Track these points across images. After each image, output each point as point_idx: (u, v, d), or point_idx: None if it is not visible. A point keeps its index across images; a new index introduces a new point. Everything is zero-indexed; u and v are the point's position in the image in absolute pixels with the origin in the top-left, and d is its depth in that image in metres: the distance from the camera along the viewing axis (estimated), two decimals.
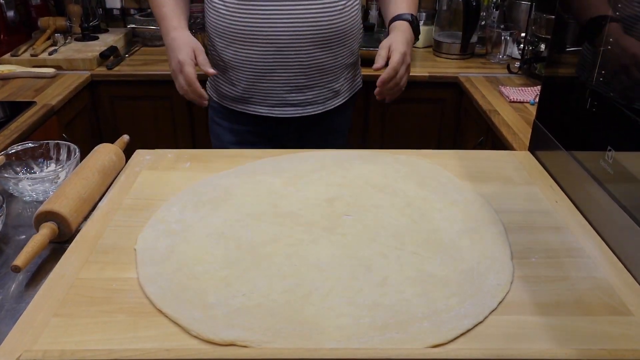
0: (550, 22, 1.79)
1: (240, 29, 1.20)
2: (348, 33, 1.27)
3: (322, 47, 1.23)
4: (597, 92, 0.83)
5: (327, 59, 1.25)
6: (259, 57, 1.22)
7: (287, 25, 1.18)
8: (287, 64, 1.22)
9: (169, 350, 0.57)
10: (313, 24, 1.19)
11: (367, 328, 0.61)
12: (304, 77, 1.25)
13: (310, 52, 1.22)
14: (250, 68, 1.24)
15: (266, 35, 1.19)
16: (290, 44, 1.20)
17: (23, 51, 2.09)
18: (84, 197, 0.83)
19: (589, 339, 0.60)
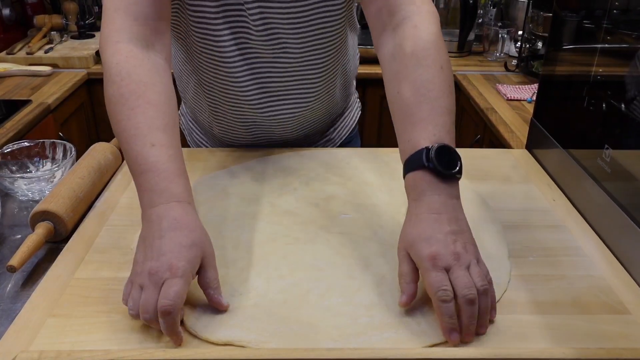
0: (547, 19, 1.79)
1: (219, 110, 0.99)
2: (336, 103, 1.05)
3: (310, 124, 1.03)
4: (595, 90, 0.83)
5: (318, 126, 1.06)
6: (242, 133, 1.02)
7: (269, 116, 0.97)
8: (273, 140, 1.04)
9: (165, 351, 0.57)
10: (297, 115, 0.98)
11: (364, 327, 0.60)
12: (293, 139, 1.05)
13: (297, 132, 1.03)
14: (233, 139, 1.05)
15: (248, 121, 0.99)
16: (274, 130, 1.01)
17: (19, 49, 2.08)
18: (80, 196, 0.82)
19: (587, 337, 0.60)
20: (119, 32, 0.74)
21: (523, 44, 1.94)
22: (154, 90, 0.71)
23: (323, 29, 0.89)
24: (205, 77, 0.95)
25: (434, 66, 0.72)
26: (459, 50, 2.19)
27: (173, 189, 0.65)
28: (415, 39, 0.74)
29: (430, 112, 0.69)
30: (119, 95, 0.70)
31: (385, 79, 0.78)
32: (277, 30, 0.87)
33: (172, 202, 0.64)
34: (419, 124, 0.69)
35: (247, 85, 0.93)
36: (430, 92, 0.70)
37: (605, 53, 0.82)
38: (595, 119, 0.83)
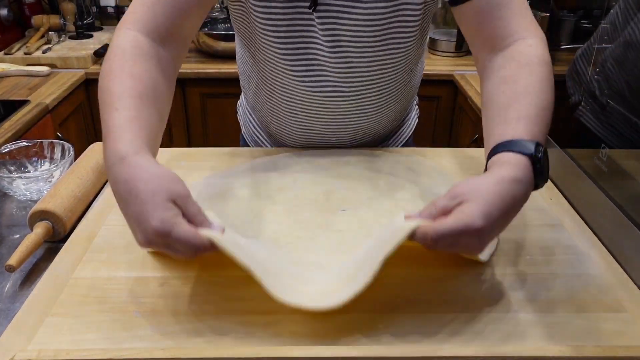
0: (545, 19, 1.79)
1: (278, 113, 0.99)
2: (397, 115, 1.04)
3: (368, 132, 1.02)
4: (591, 90, 0.84)
5: (376, 134, 1.05)
6: (298, 137, 1.02)
7: (327, 125, 0.97)
8: (329, 144, 1.02)
9: (164, 350, 0.57)
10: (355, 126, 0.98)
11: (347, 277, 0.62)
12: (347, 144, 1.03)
13: (354, 139, 1.02)
14: (288, 139, 1.04)
15: (304, 127, 0.99)
16: (330, 137, 1.00)
17: (17, 49, 2.08)
18: (78, 196, 0.82)
19: (583, 335, 0.60)
20: (135, 22, 0.76)
21: None
22: (142, 68, 0.71)
23: (393, 54, 0.88)
24: (267, 79, 0.94)
25: (546, 82, 0.72)
26: (457, 50, 2.20)
27: (119, 147, 0.61)
28: (531, 55, 0.74)
29: (537, 116, 0.68)
30: (109, 69, 0.70)
31: (489, 84, 0.77)
32: (346, 48, 0.86)
33: (118, 163, 0.60)
34: (521, 119, 0.68)
35: (309, 95, 0.92)
36: (540, 100, 0.70)
37: (603, 52, 0.82)
38: (592, 118, 0.84)
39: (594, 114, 0.82)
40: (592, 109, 0.82)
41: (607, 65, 0.80)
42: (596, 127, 0.80)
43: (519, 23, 0.78)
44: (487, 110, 0.75)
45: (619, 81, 0.78)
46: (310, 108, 0.95)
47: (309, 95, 0.92)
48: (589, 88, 0.84)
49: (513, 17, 0.78)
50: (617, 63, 0.78)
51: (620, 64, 0.78)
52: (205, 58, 2.13)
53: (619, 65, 0.78)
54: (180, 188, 0.60)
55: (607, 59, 0.80)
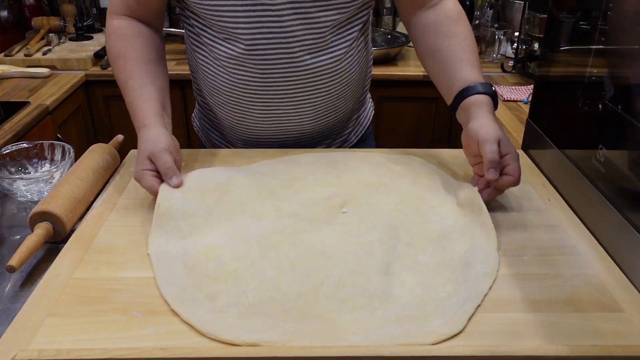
0: (543, 21, 1.79)
1: (231, 97, 1.01)
2: (355, 88, 1.07)
3: (326, 110, 1.04)
4: (589, 91, 0.84)
5: (332, 118, 1.07)
6: (255, 123, 1.04)
7: (283, 96, 0.99)
8: (286, 131, 1.05)
9: (164, 349, 0.58)
10: (312, 94, 1.00)
11: (382, 321, 0.62)
12: (305, 138, 1.08)
13: (311, 118, 1.04)
14: (246, 131, 1.06)
15: (261, 104, 1.00)
16: (287, 113, 1.02)
17: (17, 51, 2.09)
18: (78, 197, 0.83)
19: (581, 335, 0.60)
20: (113, 10, 1.00)
21: (519, 45, 1.94)
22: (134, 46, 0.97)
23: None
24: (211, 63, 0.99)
25: (469, 27, 0.98)
26: None
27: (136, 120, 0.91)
28: (457, 12, 0.98)
29: (478, 59, 0.94)
30: (110, 54, 0.99)
31: (431, 37, 0.97)
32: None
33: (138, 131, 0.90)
34: (474, 66, 0.92)
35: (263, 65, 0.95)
36: (472, 45, 0.94)
37: (600, 54, 0.83)
38: (590, 120, 0.84)
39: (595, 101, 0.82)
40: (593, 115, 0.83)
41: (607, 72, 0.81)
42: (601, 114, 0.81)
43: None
44: (436, 60, 0.96)
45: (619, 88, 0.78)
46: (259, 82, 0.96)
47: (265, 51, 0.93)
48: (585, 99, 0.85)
49: None
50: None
51: None
52: None
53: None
54: (156, 149, 0.84)
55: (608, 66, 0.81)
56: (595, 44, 0.83)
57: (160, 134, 0.87)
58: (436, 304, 0.65)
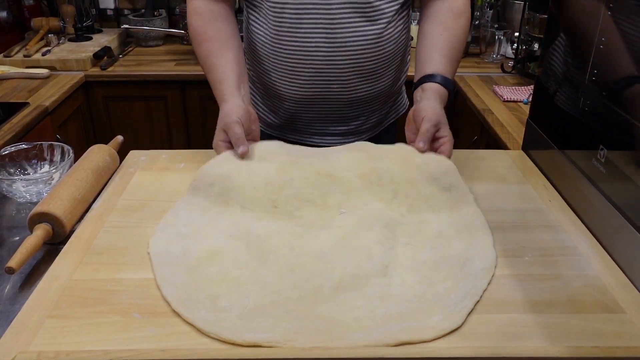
0: (543, 21, 1.79)
1: (277, 60, 1.08)
2: (396, 59, 1.14)
3: (368, 77, 1.10)
4: (590, 91, 0.84)
5: (374, 88, 1.13)
6: (298, 88, 1.10)
7: (326, 57, 1.05)
8: (329, 96, 1.10)
9: (164, 351, 0.57)
10: (358, 55, 1.06)
11: (383, 318, 0.62)
12: (348, 107, 1.14)
13: (352, 84, 1.09)
14: (290, 98, 1.13)
15: (304, 67, 1.06)
16: (330, 76, 1.07)
17: (16, 52, 2.09)
18: (77, 198, 0.83)
19: (581, 336, 0.60)
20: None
21: (519, 46, 1.94)
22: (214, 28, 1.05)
23: None
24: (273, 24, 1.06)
25: (465, 27, 1.06)
26: None
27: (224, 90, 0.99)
28: (459, 9, 1.06)
29: (456, 56, 1.04)
30: (192, 34, 1.07)
31: (428, 23, 1.06)
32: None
33: (221, 101, 0.99)
34: (448, 60, 1.02)
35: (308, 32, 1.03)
36: (458, 43, 1.04)
37: (601, 54, 0.82)
38: (590, 120, 0.84)
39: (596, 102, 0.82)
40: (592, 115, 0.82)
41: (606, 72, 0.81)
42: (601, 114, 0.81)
43: None
44: (424, 45, 1.06)
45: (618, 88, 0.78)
46: (312, 45, 1.04)
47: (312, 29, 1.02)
48: (586, 99, 0.84)
49: None
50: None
51: None
52: None
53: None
54: (228, 120, 0.92)
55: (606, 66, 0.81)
56: (595, 43, 0.83)
57: (234, 106, 0.95)
58: (435, 300, 0.65)
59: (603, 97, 0.80)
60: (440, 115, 0.93)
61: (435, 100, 0.96)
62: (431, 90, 0.97)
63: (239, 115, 0.93)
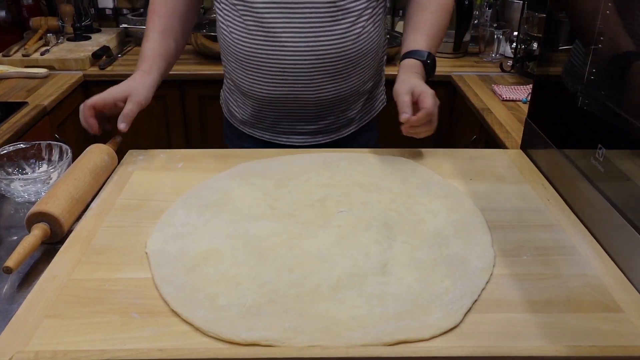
0: (542, 20, 1.79)
1: (246, 55, 1.08)
2: (364, 59, 1.12)
3: (334, 77, 1.09)
4: (588, 91, 0.84)
5: (341, 89, 1.12)
6: (266, 85, 1.09)
7: (294, 55, 1.04)
8: (296, 95, 1.10)
9: (162, 350, 0.57)
10: (323, 54, 1.05)
11: (380, 317, 0.62)
12: (314, 107, 1.13)
13: (321, 83, 1.09)
14: (258, 95, 1.12)
15: (272, 63, 1.06)
16: (298, 74, 1.07)
17: (15, 51, 2.08)
18: (76, 197, 0.82)
19: (580, 336, 0.60)
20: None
21: (518, 45, 1.94)
22: (165, 7, 1.13)
23: None
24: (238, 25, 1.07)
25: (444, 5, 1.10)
26: (455, 51, 2.20)
27: (139, 65, 1.08)
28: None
29: (433, 31, 1.08)
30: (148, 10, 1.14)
31: (410, 9, 1.12)
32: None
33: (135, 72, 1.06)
34: (425, 36, 1.07)
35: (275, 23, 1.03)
36: (435, 20, 1.08)
37: (599, 53, 0.82)
38: (589, 119, 0.84)
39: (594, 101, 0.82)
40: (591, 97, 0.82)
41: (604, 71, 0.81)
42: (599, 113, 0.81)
43: None
44: (406, 28, 1.11)
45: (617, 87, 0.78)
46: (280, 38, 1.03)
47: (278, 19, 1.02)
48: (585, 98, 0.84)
49: None
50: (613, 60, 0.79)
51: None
52: (203, 59, 2.13)
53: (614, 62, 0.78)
54: (138, 97, 1.02)
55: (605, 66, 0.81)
56: (594, 43, 0.83)
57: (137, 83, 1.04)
58: (434, 299, 0.65)
59: (602, 96, 0.80)
60: (412, 84, 0.96)
61: (406, 73, 1.00)
62: (405, 67, 1.03)
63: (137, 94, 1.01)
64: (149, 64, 1.07)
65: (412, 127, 0.94)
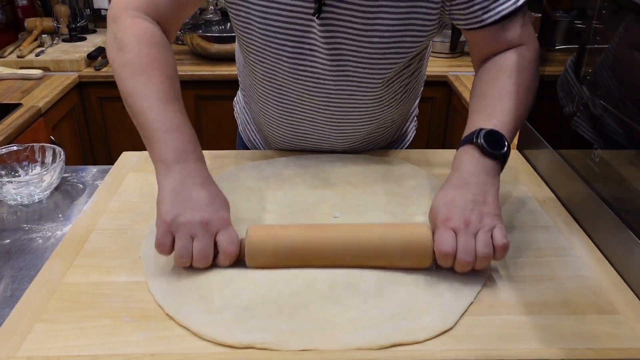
0: (538, 20, 1.79)
1: (277, 124, 0.99)
2: (392, 123, 1.02)
3: (361, 143, 1.01)
4: (584, 91, 0.84)
5: (369, 144, 1.04)
6: (292, 137, 1.00)
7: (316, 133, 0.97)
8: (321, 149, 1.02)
9: (153, 355, 0.57)
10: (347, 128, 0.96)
11: (376, 319, 0.62)
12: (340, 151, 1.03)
13: (347, 146, 1.01)
14: (280, 139, 1.02)
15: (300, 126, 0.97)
16: (321, 144, 1.00)
17: (9, 52, 2.08)
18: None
19: (576, 338, 0.60)
20: (138, 7, 0.81)
21: None
22: (165, 59, 0.79)
23: (391, 64, 0.86)
24: (260, 80, 0.93)
25: (522, 83, 0.81)
26: (451, 51, 2.20)
27: (197, 150, 0.75)
28: (517, 62, 0.83)
29: (500, 111, 0.78)
30: (139, 62, 0.76)
31: (474, 84, 0.87)
32: (344, 56, 0.84)
33: (199, 162, 0.74)
34: (486, 116, 0.78)
35: (302, 99, 0.92)
36: (504, 97, 0.79)
37: (595, 53, 0.82)
38: (585, 120, 0.83)
39: (589, 123, 0.82)
40: (587, 117, 0.82)
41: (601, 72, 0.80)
42: (593, 136, 0.80)
43: (515, 33, 0.85)
44: (471, 105, 0.84)
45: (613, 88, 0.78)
46: (303, 112, 0.94)
47: (303, 99, 0.92)
48: (581, 99, 0.84)
49: (512, 29, 0.85)
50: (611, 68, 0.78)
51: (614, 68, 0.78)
52: (199, 60, 2.12)
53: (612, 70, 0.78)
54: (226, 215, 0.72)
55: (601, 66, 0.80)
56: (590, 43, 0.83)
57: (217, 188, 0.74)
58: (429, 301, 0.65)
59: (597, 96, 0.80)
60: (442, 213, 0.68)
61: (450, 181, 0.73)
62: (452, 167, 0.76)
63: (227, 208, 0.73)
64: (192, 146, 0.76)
65: None
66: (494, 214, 0.68)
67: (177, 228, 0.67)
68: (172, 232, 0.67)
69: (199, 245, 0.67)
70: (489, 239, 0.66)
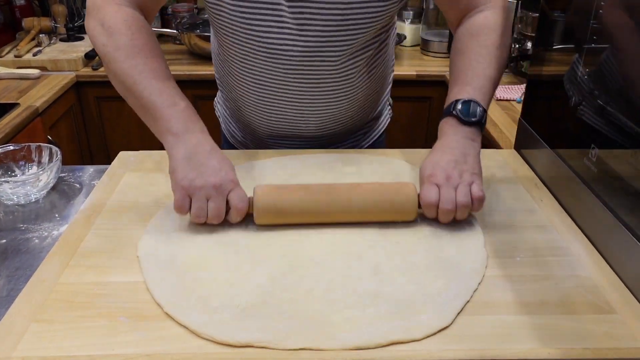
0: (536, 20, 1.79)
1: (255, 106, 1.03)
2: (366, 100, 1.07)
3: (337, 117, 1.04)
4: (581, 90, 0.83)
5: (343, 125, 1.07)
6: (276, 125, 1.05)
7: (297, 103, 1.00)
8: (300, 131, 1.06)
9: (150, 356, 0.57)
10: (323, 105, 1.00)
11: (373, 317, 0.62)
12: (317, 139, 1.08)
13: (323, 124, 1.04)
14: (262, 126, 1.06)
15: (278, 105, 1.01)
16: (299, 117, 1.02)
17: (7, 52, 2.07)
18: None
19: (573, 338, 0.60)
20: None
21: (512, 44, 1.94)
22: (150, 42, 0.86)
23: (359, 32, 0.91)
24: (235, 62, 0.98)
25: (490, 46, 0.89)
26: (449, 51, 2.19)
27: (200, 121, 0.83)
28: (481, 25, 0.91)
29: (472, 77, 0.87)
30: (132, 45, 0.83)
31: (452, 51, 0.96)
32: (312, 30, 0.89)
33: (204, 132, 0.82)
34: (460, 85, 0.86)
35: (275, 75, 0.95)
36: (478, 64, 0.88)
37: (593, 53, 0.82)
38: (582, 119, 0.83)
39: (595, 111, 0.82)
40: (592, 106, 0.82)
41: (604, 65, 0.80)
42: (599, 124, 0.80)
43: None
44: (449, 74, 0.94)
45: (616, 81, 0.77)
46: (278, 91, 0.97)
47: (276, 77, 0.95)
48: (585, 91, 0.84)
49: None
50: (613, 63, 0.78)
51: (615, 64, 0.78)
52: (196, 60, 2.12)
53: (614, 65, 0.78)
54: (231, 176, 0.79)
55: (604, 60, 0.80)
56: (588, 42, 0.83)
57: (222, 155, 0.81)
58: (426, 299, 0.65)
59: (595, 95, 0.80)
60: (430, 169, 0.79)
61: (437, 146, 0.84)
62: (439, 133, 0.87)
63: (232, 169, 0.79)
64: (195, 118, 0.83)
65: None
66: (472, 171, 0.78)
67: (193, 192, 0.75)
68: (190, 195, 0.75)
69: (213, 205, 0.75)
70: (468, 192, 0.76)
